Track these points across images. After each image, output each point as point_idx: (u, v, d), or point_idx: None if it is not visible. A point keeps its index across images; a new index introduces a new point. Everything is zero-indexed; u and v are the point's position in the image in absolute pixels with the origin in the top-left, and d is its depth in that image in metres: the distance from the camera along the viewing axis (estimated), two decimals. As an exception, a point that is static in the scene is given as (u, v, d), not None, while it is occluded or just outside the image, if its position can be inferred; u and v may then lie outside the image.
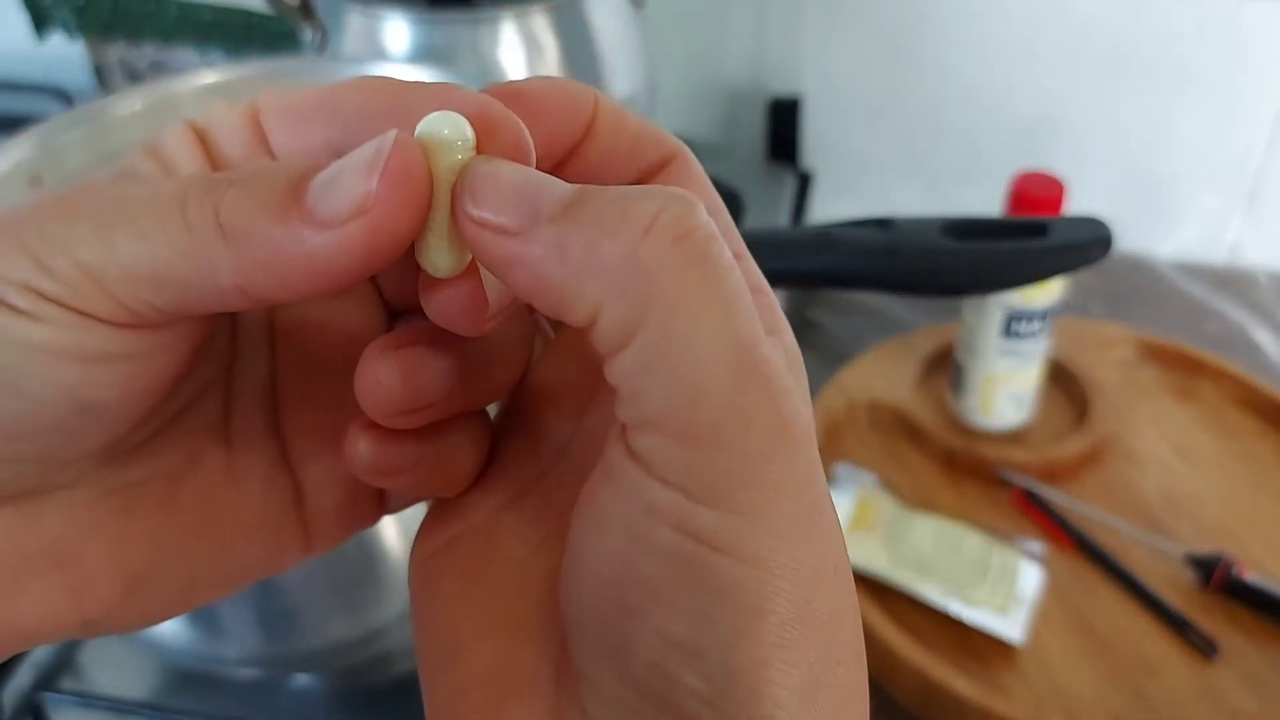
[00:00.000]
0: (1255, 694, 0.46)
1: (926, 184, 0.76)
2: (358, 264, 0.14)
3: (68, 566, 0.15)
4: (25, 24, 0.80)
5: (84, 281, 0.14)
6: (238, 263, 0.14)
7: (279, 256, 0.13)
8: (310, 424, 0.18)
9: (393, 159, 0.13)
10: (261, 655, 0.39)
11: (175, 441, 0.17)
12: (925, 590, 0.48)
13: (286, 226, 0.13)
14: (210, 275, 0.14)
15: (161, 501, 0.16)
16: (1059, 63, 0.69)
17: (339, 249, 0.13)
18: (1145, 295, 0.71)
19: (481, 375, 0.16)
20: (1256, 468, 0.57)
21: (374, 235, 0.13)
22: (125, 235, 0.14)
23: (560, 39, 0.52)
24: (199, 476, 0.17)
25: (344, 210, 0.13)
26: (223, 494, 0.17)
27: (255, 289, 0.14)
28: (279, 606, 0.37)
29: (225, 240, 0.14)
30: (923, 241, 0.35)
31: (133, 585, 0.16)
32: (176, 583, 0.17)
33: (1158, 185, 0.73)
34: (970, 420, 0.58)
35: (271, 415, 0.18)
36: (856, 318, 0.69)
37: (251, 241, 0.13)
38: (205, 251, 0.14)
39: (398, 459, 0.16)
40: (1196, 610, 0.49)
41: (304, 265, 0.13)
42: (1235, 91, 0.68)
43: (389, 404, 0.15)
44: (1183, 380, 0.62)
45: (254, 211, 0.14)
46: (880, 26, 0.70)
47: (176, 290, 0.14)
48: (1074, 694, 0.46)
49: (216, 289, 0.14)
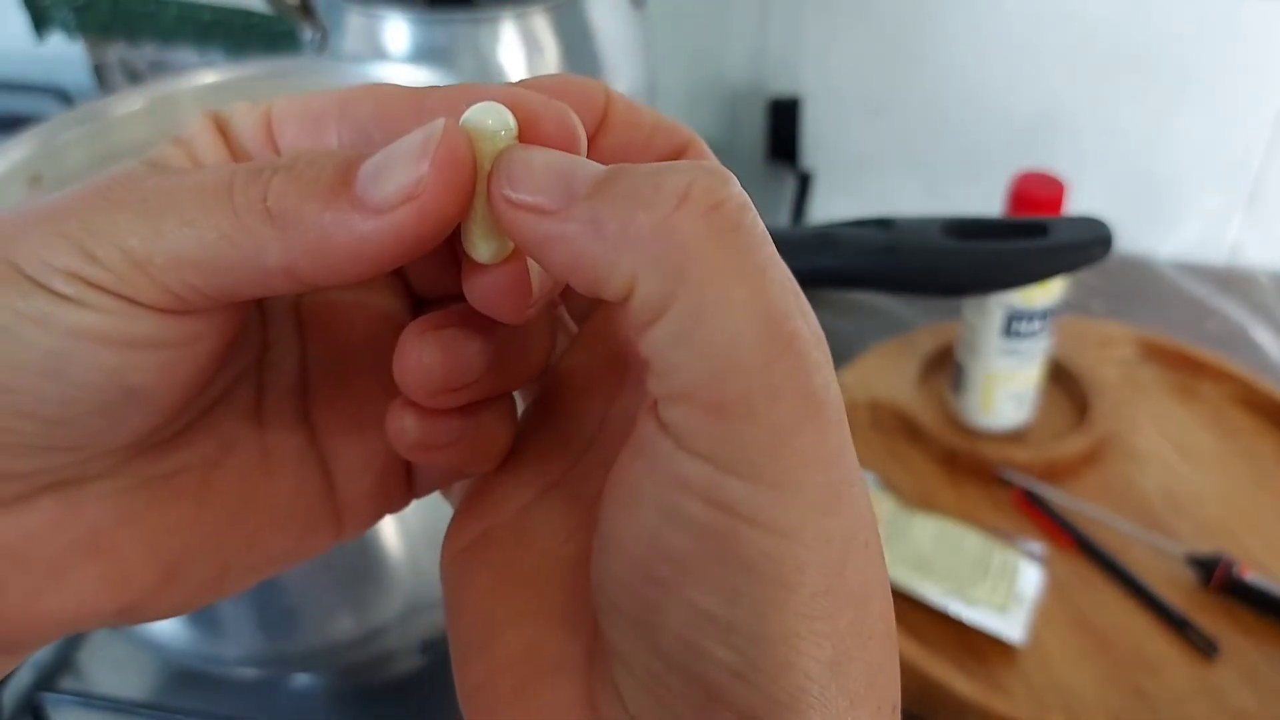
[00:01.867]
0: (1255, 693, 0.46)
1: (927, 184, 0.76)
2: (405, 248, 0.14)
3: (105, 556, 0.16)
4: (25, 24, 0.80)
5: (130, 268, 0.14)
6: (286, 246, 0.14)
7: (328, 241, 0.14)
8: (340, 411, 0.18)
9: (443, 146, 0.14)
10: (261, 655, 0.39)
11: (209, 431, 0.17)
12: (925, 590, 0.48)
13: (336, 211, 0.14)
14: (258, 260, 0.14)
15: (196, 491, 0.17)
16: (1060, 62, 0.69)
17: (389, 233, 0.14)
18: (1146, 295, 0.71)
19: (514, 358, 0.17)
20: (1257, 467, 0.57)
21: (423, 220, 0.14)
22: (172, 222, 0.14)
23: (560, 39, 0.52)
24: (232, 466, 0.17)
25: (394, 196, 0.14)
26: (256, 482, 0.17)
27: (303, 272, 0.14)
28: (279, 606, 0.37)
29: (273, 225, 0.14)
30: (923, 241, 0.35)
31: (168, 573, 0.16)
32: (210, 570, 0.17)
33: (1158, 185, 0.73)
34: (971, 420, 0.58)
35: (302, 404, 0.18)
36: (857, 317, 0.69)
37: (300, 226, 0.14)
38: (253, 236, 0.14)
39: (440, 435, 0.16)
40: (1197, 610, 0.49)
41: (353, 249, 0.14)
42: (1236, 91, 0.68)
43: (429, 383, 0.16)
44: (1183, 380, 0.62)
45: (303, 197, 0.14)
46: (880, 26, 0.70)
47: (223, 275, 0.14)
48: (1074, 693, 0.46)
49: (263, 273, 0.14)
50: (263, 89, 0.45)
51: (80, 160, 0.42)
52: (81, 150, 0.42)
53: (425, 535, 0.37)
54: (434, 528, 0.37)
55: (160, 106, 0.44)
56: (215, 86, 0.44)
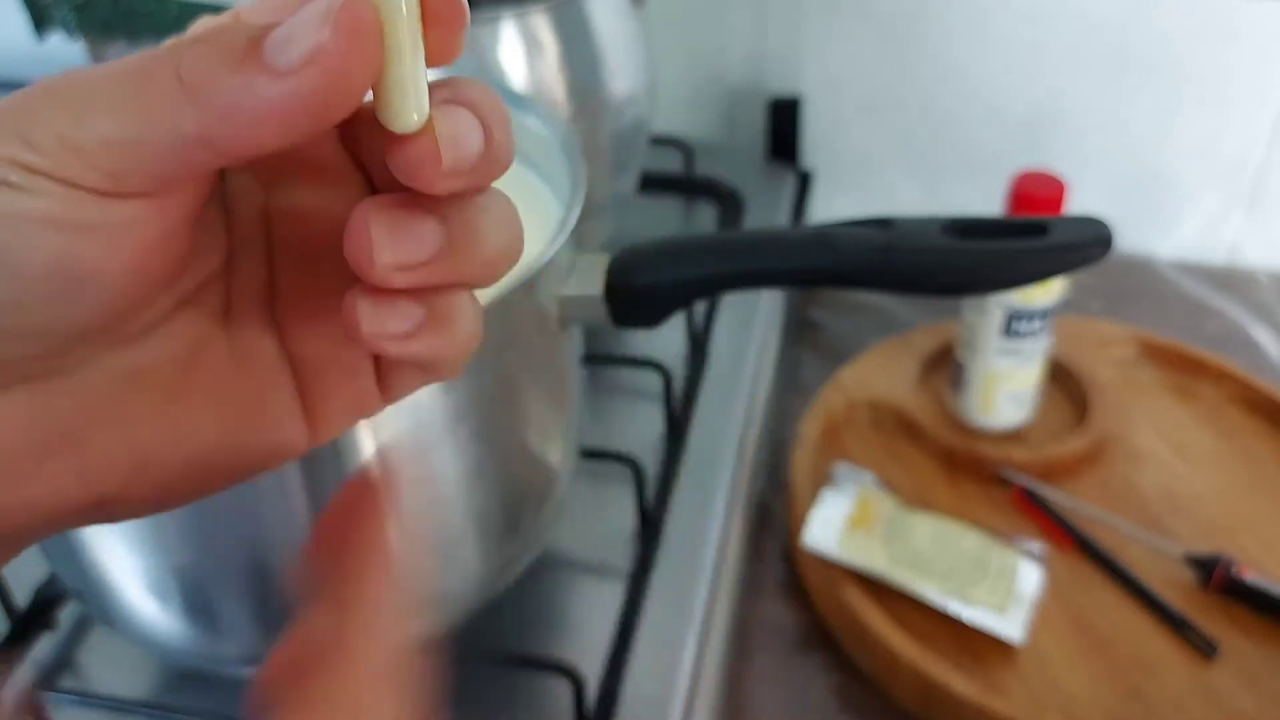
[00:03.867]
0: (1253, 693, 0.46)
1: (926, 183, 0.76)
2: (315, 112, 0.15)
3: (78, 449, 0.16)
4: (25, 23, 0.80)
5: (65, 153, 0.15)
6: (199, 114, 0.15)
7: (237, 106, 0.14)
8: (307, 313, 0.19)
9: (343, 12, 0.14)
10: (261, 653, 0.39)
11: (178, 333, 0.18)
12: (924, 589, 0.49)
13: (244, 76, 0.14)
14: (175, 131, 0.15)
15: (168, 386, 0.17)
16: (1059, 62, 0.69)
17: (293, 95, 0.14)
18: (1145, 294, 0.71)
19: (467, 247, 0.17)
20: (1256, 467, 0.57)
21: (327, 82, 0.14)
22: (98, 106, 0.15)
23: (560, 38, 0.52)
24: (202, 365, 0.18)
25: (296, 59, 0.14)
26: (226, 381, 0.18)
27: (219, 141, 0.15)
28: (277, 605, 0.37)
29: (185, 94, 0.15)
30: (923, 241, 0.35)
31: (140, 465, 0.17)
32: (181, 464, 0.18)
33: (1158, 185, 0.73)
34: (970, 419, 0.58)
35: (270, 308, 0.19)
36: (856, 317, 0.69)
37: (210, 91, 0.14)
38: (168, 108, 0.15)
39: (397, 320, 0.17)
40: (1196, 610, 0.49)
41: (262, 113, 0.14)
42: (1235, 91, 0.68)
43: (379, 258, 0.16)
44: (1182, 380, 0.63)
45: (213, 65, 0.15)
46: (880, 25, 0.70)
47: (146, 151, 0.15)
48: (1072, 693, 0.46)
49: (183, 145, 0.15)
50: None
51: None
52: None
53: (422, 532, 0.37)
54: (431, 526, 0.37)
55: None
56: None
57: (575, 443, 0.43)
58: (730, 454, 0.53)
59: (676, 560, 0.47)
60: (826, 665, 0.50)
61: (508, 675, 0.42)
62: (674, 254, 0.37)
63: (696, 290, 0.38)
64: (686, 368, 0.57)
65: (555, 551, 0.48)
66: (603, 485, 0.49)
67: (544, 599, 0.46)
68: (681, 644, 0.44)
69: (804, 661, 0.50)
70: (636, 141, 0.59)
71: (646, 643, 0.44)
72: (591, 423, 0.47)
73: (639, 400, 0.55)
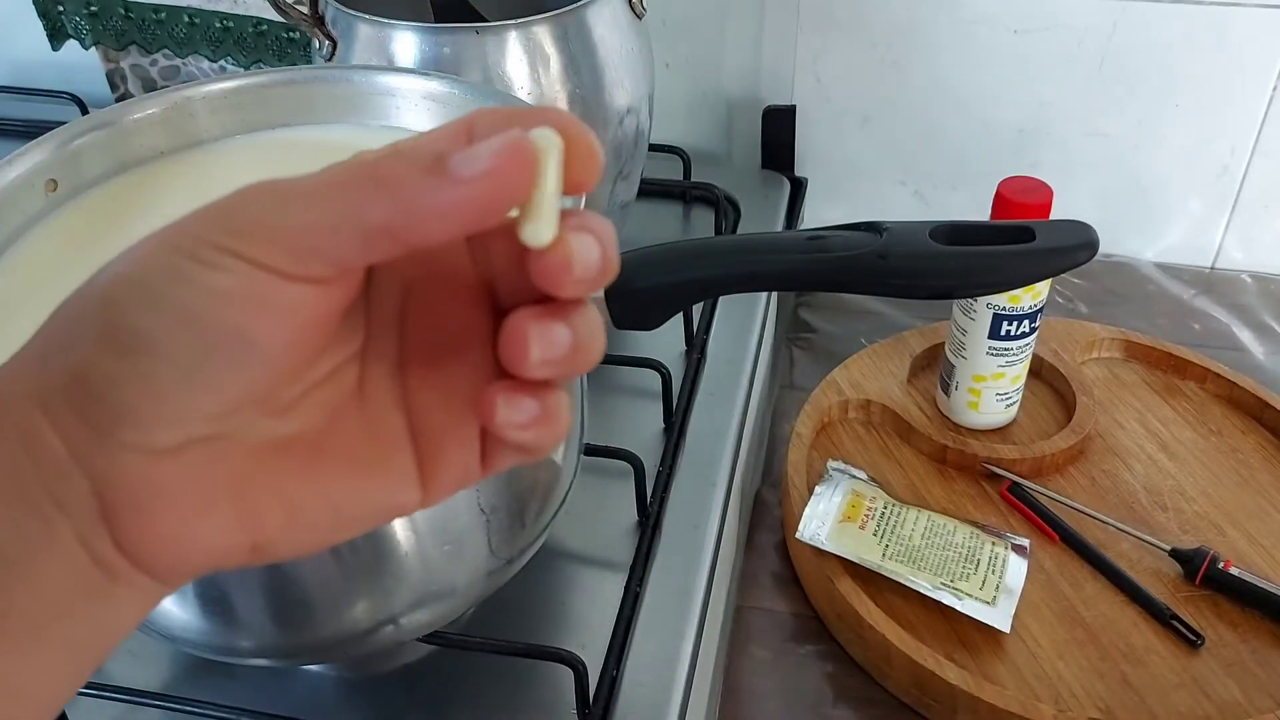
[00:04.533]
0: (1239, 683, 0.47)
1: (917, 191, 0.77)
2: (478, 213, 0.18)
3: (240, 500, 0.19)
4: (41, 33, 0.81)
5: (261, 236, 0.18)
6: (388, 205, 0.18)
7: (421, 201, 0.18)
8: (431, 393, 0.22)
9: (516, 144, 0.18)
10: (273, 646, 0.40)
11: (321, 402, 0.21)
12: (917, 582, 0.50)
13: (431, 179, 0.18)
14: (366, 218, 0.18)
15: (311, 450, 0.20)
16: (1046, 72, 0.70)
17: (467, 199, 0.18)
18: (1131, 296, 0.72)
19: (583, 345, 0.20)
20: (1240, 463, 0.58)
21: (493, 193, 0.18)
22: (300, 199, 0.18)
23: (563, 49, 0.53)
24: (339, 433, 0.21)
25: (475, 172, 0.18)
26: (359, 448, 0.21)
27: (399, 229, 0.18)
28: (290, 597, 0.38)
29: (380, 188, 0.18)
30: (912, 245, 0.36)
31: (291, 516, 0.20)
32: (326, 516, 0.21)
33: (1144, 191, 0.74)
34: (960, 418, 0.59)
35: (398, 386, 0.22)
36: (849, 319, 0.70)
37: (401, 188, 0.18)
38: (363, 197, 0.18)
39: (520, 413, 0.20)
40: (1182, 603, 0.50)
41: (440, 209, 0.18)
42: (1219, 99, 0.69)
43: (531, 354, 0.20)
44: (1168, 379, 0.64)
45: (407, 168, 0.18)
46: (872, 37, 0.71)
47: (337, 236, 0.18)
48: (1062, 683, 0.47)
49: (368, 230, 0.18)
50: (274, 97, 0.46)
51: (96, 165, 0.43)
52: (97, 154, 0.43)
53: (433, 527, 0.37)
54: (442, 520, 0.38)
55: (173, 112, 0.45)
56: (227, 92, 0.45)
57: (579, 440, 0.44)
58: (727, 451, 0.54)
59: (675, 553, 0.48)
60: (820, 655, 0.50)
61: (512, 664, 0.43)
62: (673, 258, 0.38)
63: (694, 293, 0.39)
64: (685, 368, 0.58)
65: (558, 544, 0.49)
66: (604, 481, 0.50)
67: (547, 590, 0.47)
68: (680, 634, 0.45)
69: (799, 651, 0.51)
70: (637, 150, 0.60)
71: (646, 633, 0.45)
72: (593, 420, 0.47)
73: (639, 399, 0.56)
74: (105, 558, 0.19)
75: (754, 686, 0.49)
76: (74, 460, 0.18)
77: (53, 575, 0.18)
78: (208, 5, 0.77)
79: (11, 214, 0.39)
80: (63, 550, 0.18)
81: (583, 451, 0.45)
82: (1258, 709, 0.46)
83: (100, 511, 0.18)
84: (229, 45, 0.79)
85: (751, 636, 0.51)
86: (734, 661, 0.50)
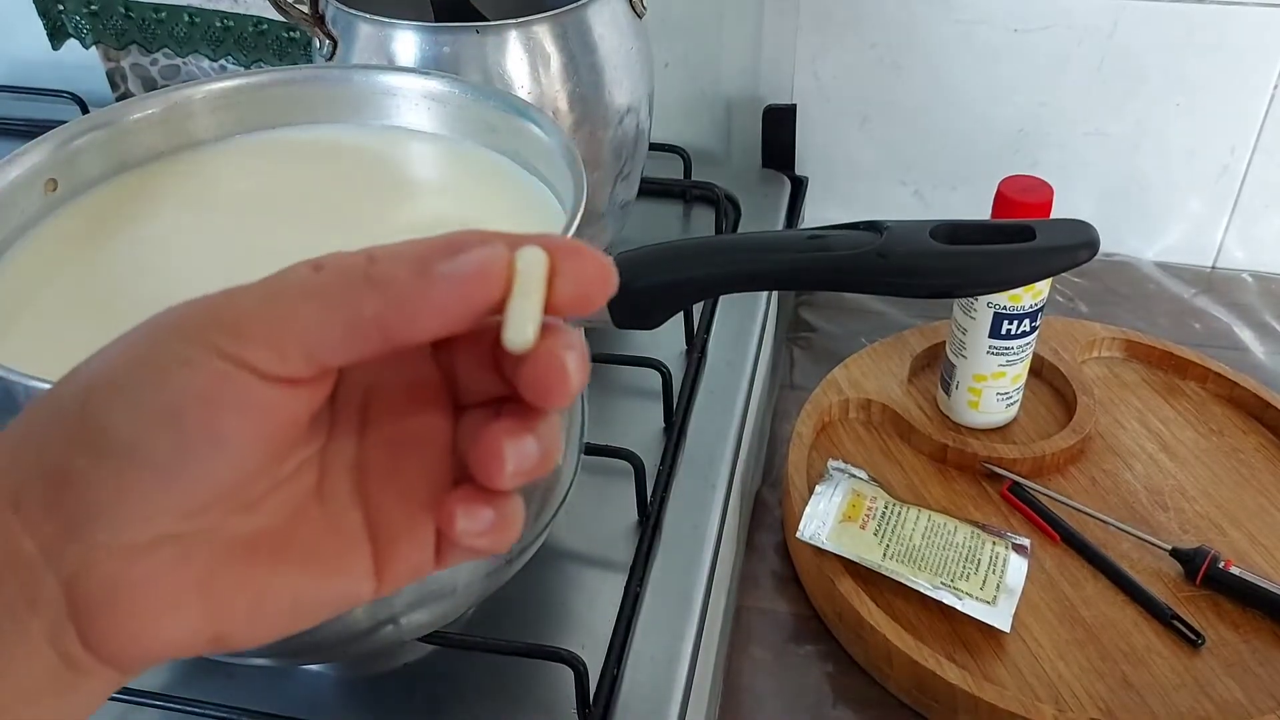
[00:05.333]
0: (1240, 683, 0.47)
1: (916, 191, 0.77)
2: (462, 310, 0.19)
3: (208, 595, 0.20)
4: (41, 32, 0.81)
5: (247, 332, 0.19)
6: (379, 301, 0.19)
7: (410, 298, 0.19)
8: (388, 494, 0.22)
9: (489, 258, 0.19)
10: (272, 645, 0.40)
11: (283, 500, 0.21)
12: (917, 581, 0.49)
13: (421, 279, 0.19)
14: (359, 311, 0.19)
15: (274, 546, 0.21)
16: (1046, 71, 0.70)
17: (452, 297, 0.19)
18: (1132, 296, 0.72)
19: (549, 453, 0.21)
20: (1240, 463, 0.58)
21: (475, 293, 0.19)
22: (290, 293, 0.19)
23: (563, 49, 0.53)
24: (302, 528, 0.22)
25: (459, 274, 0.19)
26: (319, 543, 0.22)
27: (389, 323, 0.19)
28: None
29: (372, 286, 0.19)
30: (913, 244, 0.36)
31: (254, 610, 0.21)
32: (286, 607, 0.21)
33: (1145, 190, 0.74)
34: (960, 418, 0.59)
35: (358, 485, 0.22)
36: (849, 319, 0.70)
37: (392, 285, 0.19)
38: (356, 296, 0.19)
39: (478, 522, 0.21)
40: (1183, 602, 0.50)
41: (429, 305, 0.19)
42: (1219, 99, 0.69)
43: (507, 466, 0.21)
44: (1169, 378, 0.64)
45: (399, 268, 0.19)
46: (872, 37, 0.71)
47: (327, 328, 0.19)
48: (1062, 683, 0.47)
49: (359, 323, 0.19)
50: (273, 96, 0.46)
51: (95, 165, 0.43)
52: (97, 155, 0.43)
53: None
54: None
55: (173, 113, 0.45)
56: (227, 92, 0.45)
57: (580, 440, 0.44)
58: (727, 450, 0.54)
59: (675, 553, 0.48)
60: (820, 655, 0.50)
61: (512, 664, 0.43)
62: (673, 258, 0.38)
63: (695, 293, 0.39)
64: (685, 367, 0.58)
65: (558, 544, 0.49)
66: (604, 480, 0.50)
67: (547, 590, 0.47)
68: (680, 634, 0.45)
69: (799, 651, 0.51)
70: (637, 149, 0.60)
71: (646, 632, 0.45)
72: (593, 420, 0.47)
73: (640, 398, 0.56)
74: (72, 655, 0.19)
75: (754, 687, 0.49)
76: (45, 559, 0.19)
77: (20, 672, 0.19)
78: (208, 4, 0.77)
79: (11, 214, 0.39)
80: (32, 649, 0.19)
81: (583, 451, 0.45)
82: (1258, 709, 0.46)
83: (69, 611, 0.19)
84: (229, 44, 0.79)
85: (751, 637, 0.51)
86: (734, 662, 0.50)
